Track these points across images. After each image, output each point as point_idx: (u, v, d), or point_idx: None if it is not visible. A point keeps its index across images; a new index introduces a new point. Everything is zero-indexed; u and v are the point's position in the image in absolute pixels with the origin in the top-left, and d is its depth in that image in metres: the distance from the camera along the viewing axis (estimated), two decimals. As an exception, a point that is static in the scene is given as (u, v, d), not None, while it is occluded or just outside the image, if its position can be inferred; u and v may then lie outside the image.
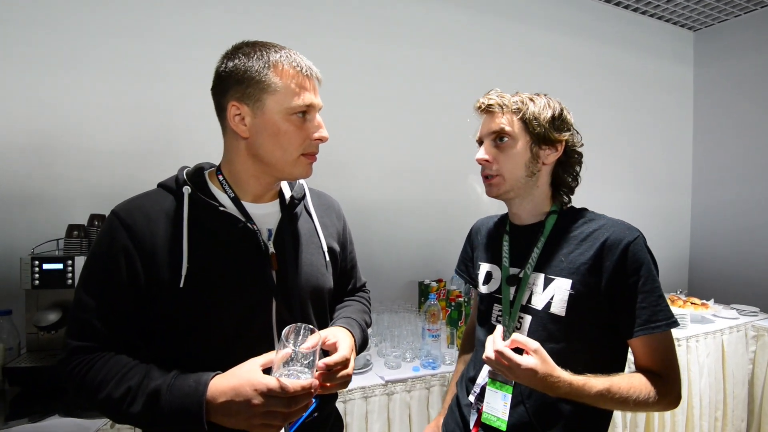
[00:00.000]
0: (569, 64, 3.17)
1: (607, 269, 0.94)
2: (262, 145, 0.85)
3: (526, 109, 1.01)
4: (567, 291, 0.96)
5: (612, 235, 0.95)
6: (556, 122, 1.02)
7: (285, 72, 0.84)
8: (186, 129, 2.08)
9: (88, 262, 0.84)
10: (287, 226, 0.95)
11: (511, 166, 1.02)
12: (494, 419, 0.98)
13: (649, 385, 0.90)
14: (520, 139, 1.02)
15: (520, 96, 1.04)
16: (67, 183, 1.89)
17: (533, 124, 1.00)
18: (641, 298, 0.92)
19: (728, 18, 3.51)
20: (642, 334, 0.91)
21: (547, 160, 1.04)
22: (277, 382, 0.71)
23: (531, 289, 1.02)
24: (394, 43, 2.59)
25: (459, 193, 2.82)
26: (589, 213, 1.06)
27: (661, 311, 0.91)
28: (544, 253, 1.03)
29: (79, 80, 1.90)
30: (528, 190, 1.05)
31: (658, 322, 0.91)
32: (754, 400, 2.67)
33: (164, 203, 0.87)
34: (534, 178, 1.04)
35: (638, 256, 0.93)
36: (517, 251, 1.09)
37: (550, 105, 1.03)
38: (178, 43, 2.06)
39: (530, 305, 1.02)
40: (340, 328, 0.95)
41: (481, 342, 1.12)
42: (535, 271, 1.03)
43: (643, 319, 0.91)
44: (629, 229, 0.97)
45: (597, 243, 0.96)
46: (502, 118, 1.02)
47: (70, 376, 0.79)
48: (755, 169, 3.35)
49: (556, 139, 1.02)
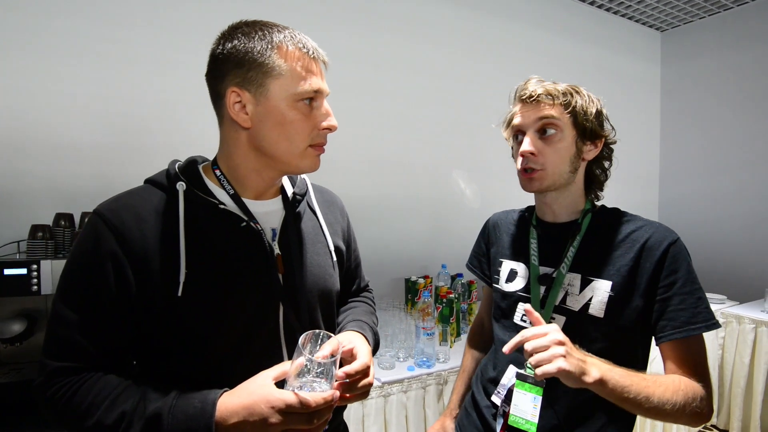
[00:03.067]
0: (541, 58, 3.22)
1: (646, 270, 0.91)
2: (266, 135, 0.77)
3: (575, 101, 0.96)
4: (607, 293, 0.93)
5: (653, 236, 0.93)
6: (600, 117, 0.99)
7: (290, 54, 0.75)
8: (162, 120, 1.95)
9: (67, 270, 0.73)
10: (292, 224, 0.88)
11: (557, 160, 0.96)
12: (523, 422, 0.92)
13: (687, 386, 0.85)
14: (568, 132, 0.96)
15: (566, 86, 0.98)
16: (28, 180, 1.72)
17: (582, 118, 0.96)
18: (679, 299, 0.88)
19: (693, 20, 3.65)
20: (679, 336, 0.87)
21: (587, 155, 1.00)
22: (296, 397, 0.64)
23: (566, 289, 0.98)
24: (379, 37, 2.53)
25: (443, 189, 2.80)
26: (625, 213, 1.03)
27: (700, 313, 0.87)
28: (580, 253, 0.98)
29: (39, 66, 1.73)
30: (567, 186, 1.01)
31: (698, 323, 0.87)
32: (724, 383, 2.80)
33: (155, 201, 0.77)
34: (575, 174, 1.00)
35: (678, 257, 0.90)
36: (548, 249, 1.04)
37: (593, 99, 0.99)
38: (153, 27, 1.92)
39: (565, 306, 0.97)
40: (354, 333, 0.88)
41: (501, 341, 1.08)
42: (571, 272, 0.98)
43: (681, 321, 0.87)
44: (669, 231, 0.94)
45: (637, 244, 0.93)
46: (552, 108, 0.96)
47: (50, 403, 0.68)
48: (720, 163, 3.52)
49: (600, 134, 0.99)
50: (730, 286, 3.31)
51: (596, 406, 0.92)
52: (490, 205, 3.03)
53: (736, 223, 3.42)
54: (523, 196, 1.09)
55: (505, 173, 3.18)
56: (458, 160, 2.82)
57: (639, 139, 3.85)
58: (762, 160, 3.27)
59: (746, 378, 2.67)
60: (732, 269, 3.41)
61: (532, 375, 0.94)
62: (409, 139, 2.66)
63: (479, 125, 2.87)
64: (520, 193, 1.08)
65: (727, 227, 3.47)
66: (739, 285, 3.31)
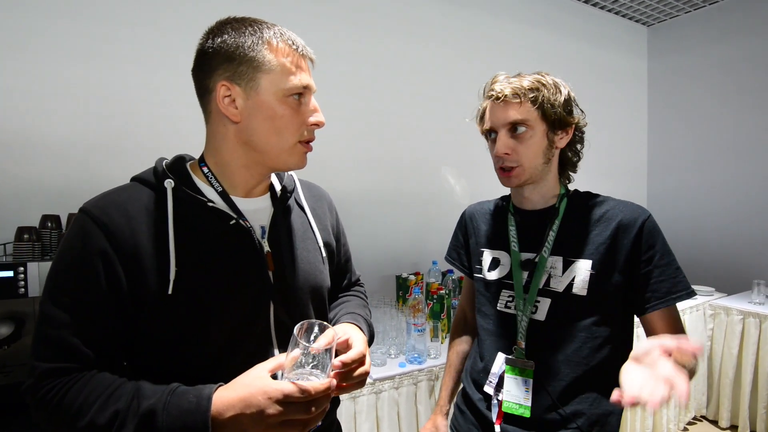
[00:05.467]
0: (528, 54, 3.23)
1: (624, 247, 0.95)
2: (255, 130, 0.77)
3: (542, 95, 0.97)
4: (588, 271, 0.96)
5: (627, 215, 0.97)
6: (568, 105, 1.01)
7: (280, 50, 0.76)
8: (148, 120, 1.93)
9: (55, 270, 0.72)
10: (281, 221, 0.88)
11: (530, 155, 0.99)
12: (516, 407, 0.95)
13: None
14: (538, 127, 0.99)
15: (531, 80, 0.99)
16: (14, 181, 1.70)
17: (549, 111, 0.97)
18: (659, 272, 0.93)
19: (679, 14, 3.69)
20: (663, 306, 0.92)
21: (560, 143, 1.03)
22: (294, 386, 0.64)
23: (548, 272, 1.01)
24: (368, 35, 2.52)
25: (433, 185, 2.80)
26: (597, 195, 1.07)
27: (680, 282, 0.93)
28: (559, 236, 1.02)
29: (23, 66, 1.70)
30: (543, 176, 1.04)
31: (679, 292, 0.92)
32: (713, 374, 2.84)
33: (143, 199, 0.76)
34: (549, 164, 1.03)
35: (653, 232, 0.95)
36: (527, 236, 1.07)
37: (559, 88, 1.00)
38: (139, 26, 1.90)
39: (549, 288, 1.00)
40: (349, 324, 0.88)
41: (484, 330, 1.10)
42: (552, 255, 1.01)
43: (662, 292, 0.92)
44: (640, 208, 0.99)
45: (613, 222, 0.97)
46: (519, 108, 0.98)
47: (41, 405, 0.67)
48: (707, 156, 3.56)
49: (569, 122, 1.01)
50: (717, 277, 3.36)
51: (588, 382, 0.95)
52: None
53: (723, 216, 3.46)
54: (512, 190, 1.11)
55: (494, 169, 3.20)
56: (447, 157, 2.83)
57: (627, 132, 3.88)
58: (748, 153, 3.32)
59: (735, 369, 2.71)
60: (720, 261, 3.46)
61: (521, 359, 0.98)
62: (398, 136, 2.66)
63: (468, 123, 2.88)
64: (508, 189, 1.10)
65: (714, 220, 3.51)
66: (727, 277, 3.35)
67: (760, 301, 2.74)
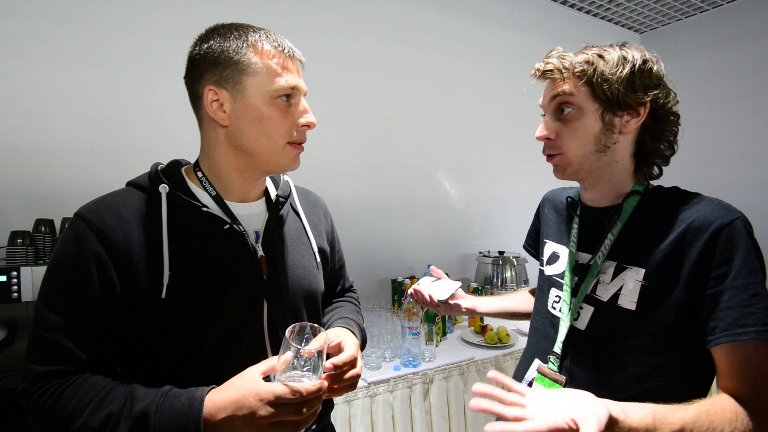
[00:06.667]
0: (522, 61, 3.21)
1: (690, 258, 0.75)
2: (244, 133, 0.78)
3: (593, 69, 0.82)
4: (638, 282, 0.80)
5: (701, 216, 0.76)
6: (637, 79, 0.81)
7: (265, 52, 0.77)
8: (143, 124, 1.93)
9: (50, 274, 0.73)
10: (275, 226, 0.89)
11: (575, 142, 0.85)
12: None
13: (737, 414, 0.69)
14: (587, 107, 0.83)
15: (587, 53, 0.84)
16: (7, 185, 1.69)
17: (603, 87, 0.81)
18: (729, 295, 0.72)
19: (671, 22, 3.74)
20: (725, 341, 0.71)
21: (626, 128, 0.84)
22: (286, 387, 0.65)
23: (598, 277, 0.87)
24: (365, 41, 2.54)
25: (429, 190, 2.81)
26: (685, 192, 0.86)
27: (752, 314, 0.70)
28: (619, 240, 0.86)
29: (18, 69, 1.70)
30: (604, 168, 0.87)
31: (747, 327, 0.70)
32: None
33: (137, 203, 0.77)
34: (609, 152, 0.85)
35: (733, 242, 0.73)
36: (587, 235, 0.93)
37: (627, 58, 0.82)
38: (133, 30, 1.90)
39: (594, 295, 0.87)
40: (341, 329, 0.90)
41: (533, 327, 1.03)
42: (608, 260, 0.87)
43: (728, 323, 0.71)
44: (725, 209, 0.77)
45: (681, 225, 0.78)
46: (564, 84, 0.84)
47: (35, 408, 0.68)
48: (698, 162, 3.59)
49: (635, 101, 0.81)
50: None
51: None
52: (475, 206, 3.09)
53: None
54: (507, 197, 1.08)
55: (490, 174, 3.22)
56: (443, 162, 2.85)
57: (620, 139, 3.92)
58: (740, 159, 3.36)
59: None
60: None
61: (553, 372, 0.89)
62: (394, 141, 2.67)
63: (464, 127, 2.90)
64: (504, 194, 1.08)
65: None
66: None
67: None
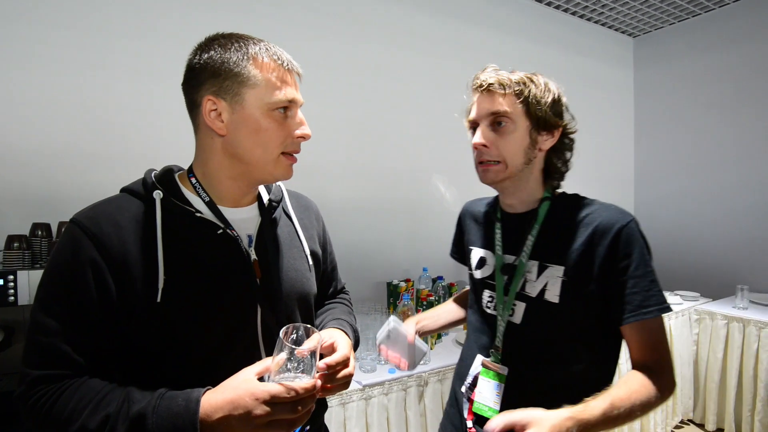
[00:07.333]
0: (517, 65, 3.21)
1: (599, 254, 0.90)
2: (240, 142, 0.79)
3: (528, 90, 0.94)
4: (560, 278, 0.93)
5: (604, 220, 0.92)
6: (556, 106, 0.97)
7: (265, 65, 0.79)
8: (139, 128, 1.94)
9: (46, 279, 0.74)
10: (268, 230, 0.90)
11: (511, 152, 0.96)
12: (486, 409, 0.95)
13: (648, 383, 0.86)
14: (520, 123, 0.95)
15: (521, 75, 0.97)
16: (3, 189, 1.70)
17: (535, 107, 0.94)
18: (632, 283, 0.88)
19: (664, 26, 3.77)
20: (633, 320, 0.87)
21: (543, 146, 0.98)
22: (281, 386, 0.66)
23: (525, 276, 0.99)
24: (357, 43, 2.56)
25: (423, 193, 2.84)
26: (584, 198, 1.02)
27: (653, 296, 0.88)
28: (538, 241, 0.99)
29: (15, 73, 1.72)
30: (524, 178, 1.01)
31: (650, 307, 0.87)
32: (699, 378, 2.88)
33: (132, 210, 0.78)
34: (531, 164, 0.99)
35: (630, 240, 0.90)
36: (510, 239, 1.05)
37: (549, 88, 0.97)
38: (131, 35, 1.92)
39: (524, 292, 0.99)
40: (334, 329, 0.91)
41: (472, 326, 1.11)
42: (531, 259, 0.99)
43: (634, 305, 0.87)
44: (621, 213, 0.94)
45: (589, 228, 0.93)
46: (503, 99, 0.95)
47: (32, 411, 0.68)
48: (692, 164, 3.63)
49: (554, 124, 0.97)
50: (702, 283, 3.41)
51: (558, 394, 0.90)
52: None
53: (707, 222, 3.53)
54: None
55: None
56: (438, 164, 2.87)
57: (614, 141, 3.95)
58: (733, 161, 3.39)
59: (720, 373, 2.75)
60: (704, 267, 3.52)
61: (496, 364, 0.98)
62: (389, 144, 2.69)
63: (458, 129, 2.91)
64: None
65: (699, 226, 3.58)
66: (712, 282, 3.41)
67: (743, 306, 2.79)
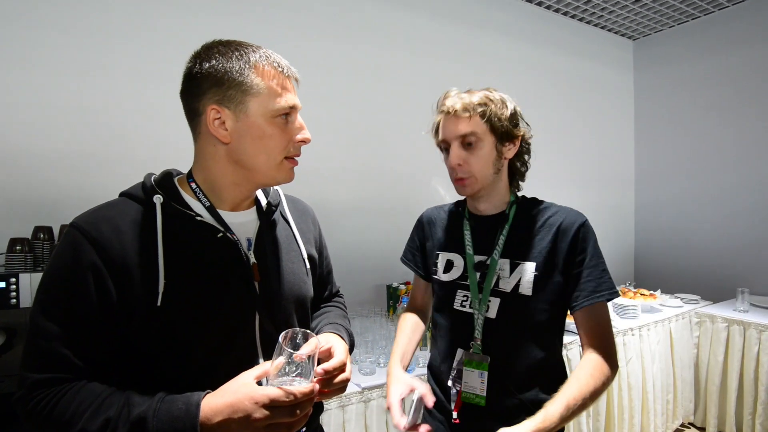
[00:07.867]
0: (516, 67, 3.30)
1: (562, 250, 1.06)
2: (245, 150, 0.81)
3: (489, 110, 1.06)
4: (532, 273, 1.06)
5: (565, 220, 1.08)
6: (513, 119, 1.10)
7: (266, 72, 0.80)
8: (140, 131, 1.96)
9: (46, 283, 0.74)
10: (267, 234, 0.91)
11: (481, 166, 1.08)
12: (473, 396, 1.07)
13: (598, 372, 0.97)
14: (486, 140, 1.07)
15: (480, 96, 1.08)
16: (6, 192, 1.72)
17: (497, 124, 1.07)
18: (587, 273, 1.04)
19: (663, 29, 3.78)
20: (587, 304, 1.02)
21: (508, 154, 1.12)
22: (280, 390, 0.67)
23: (498, 273, 1.10)
24: (355, 44, 2.57)
25: (423, 195, 2.84)
26: (542, 201, 1.17)
27: (604, 282, 1.03)
28: (508, 240, 1.11)
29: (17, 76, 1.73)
30: (495, 185, 1.13)
31: (602, 293, 1.03)
32: (699, 381, 2.88)
33: (132, 214, 0.79)
34: (499, 173, 1.12)
35: (586, 236, 1.06)
36: (480, 240, 1.16)
37: (506, 103, 1.09)
38: (132, 38, 1.94)
39: (498, 288, 1.10)
40: (331, 334, 0.92)
41: (443, 328, 1.18)
42: (502, 258, 1.11)
43: (588, 291, 1.03)
44: (578, 214, 1.10)
45: (554, 228, 1.08)
46: (469, 122, 1.06)
47: (32, 415, 0.69)
48: (692, 166, 3.63)
49: (515, 134, 1.10)
50: (703, 286, 3.42)
51: (537, 374, 1.08)
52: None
53: (708, 225, 3.53)
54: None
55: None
56: (437, 167, 2.86)
57: (614, 143, 3.96)
58: (733, 164, 3.39)
59: (720, 376, 2.75)
60: (705, 270, 3.51)
61: (478, 354, 1.09)
62: (389, 146, 2.70)
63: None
64: None
65: (700, 229, 3.58)
66: (712, 285, 3.41)
67: (743, 309, 2.79)
